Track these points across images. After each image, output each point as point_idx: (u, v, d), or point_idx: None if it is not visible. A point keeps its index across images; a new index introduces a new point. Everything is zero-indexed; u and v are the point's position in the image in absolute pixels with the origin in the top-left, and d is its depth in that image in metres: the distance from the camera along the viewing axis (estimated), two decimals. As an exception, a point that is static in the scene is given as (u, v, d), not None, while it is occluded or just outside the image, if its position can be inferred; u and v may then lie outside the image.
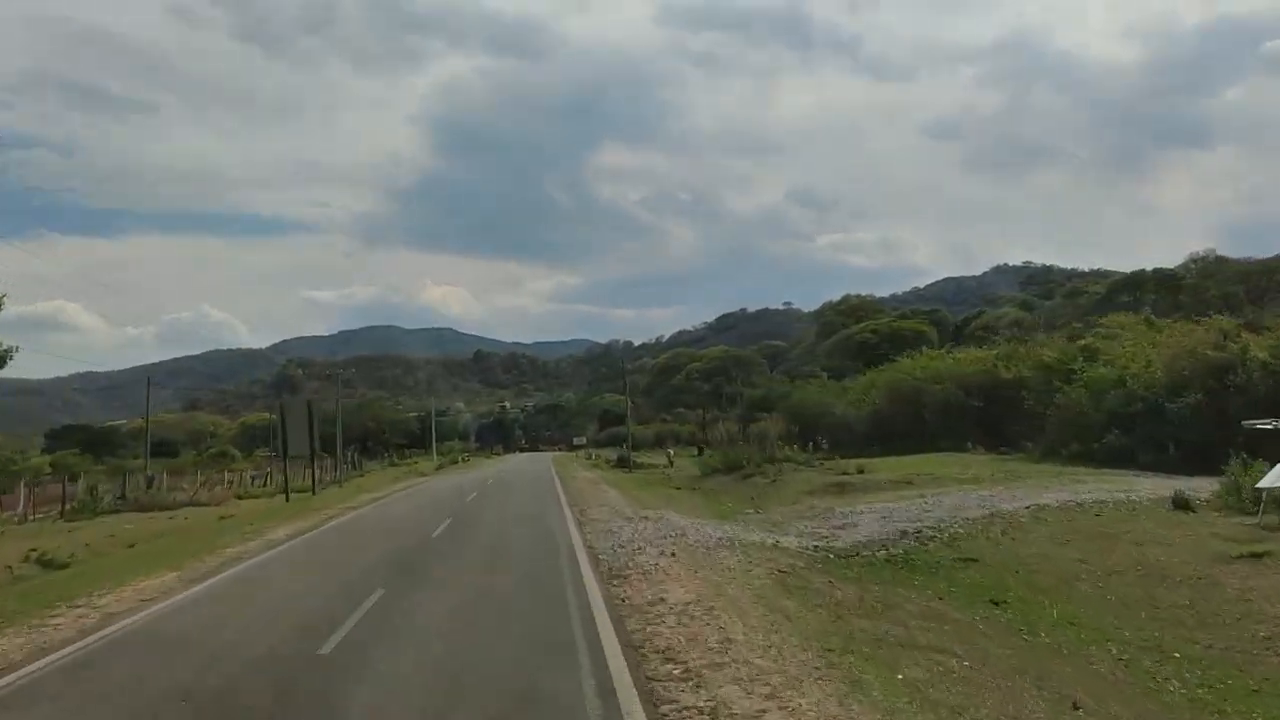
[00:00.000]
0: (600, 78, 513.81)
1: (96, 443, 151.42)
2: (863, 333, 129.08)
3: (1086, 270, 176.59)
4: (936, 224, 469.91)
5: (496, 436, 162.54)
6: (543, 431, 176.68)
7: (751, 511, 23.99)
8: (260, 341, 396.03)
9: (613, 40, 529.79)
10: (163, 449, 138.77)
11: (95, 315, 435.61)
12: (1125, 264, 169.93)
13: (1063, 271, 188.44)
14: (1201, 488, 19.97)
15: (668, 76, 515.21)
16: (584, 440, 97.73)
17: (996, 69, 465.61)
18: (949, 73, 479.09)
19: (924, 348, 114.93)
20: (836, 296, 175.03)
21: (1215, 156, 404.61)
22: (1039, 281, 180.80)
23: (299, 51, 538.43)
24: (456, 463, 78.85)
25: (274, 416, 49.78)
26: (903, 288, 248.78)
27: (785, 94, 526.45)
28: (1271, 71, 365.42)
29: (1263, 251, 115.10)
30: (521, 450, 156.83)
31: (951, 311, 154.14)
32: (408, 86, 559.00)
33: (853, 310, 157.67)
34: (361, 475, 69.08)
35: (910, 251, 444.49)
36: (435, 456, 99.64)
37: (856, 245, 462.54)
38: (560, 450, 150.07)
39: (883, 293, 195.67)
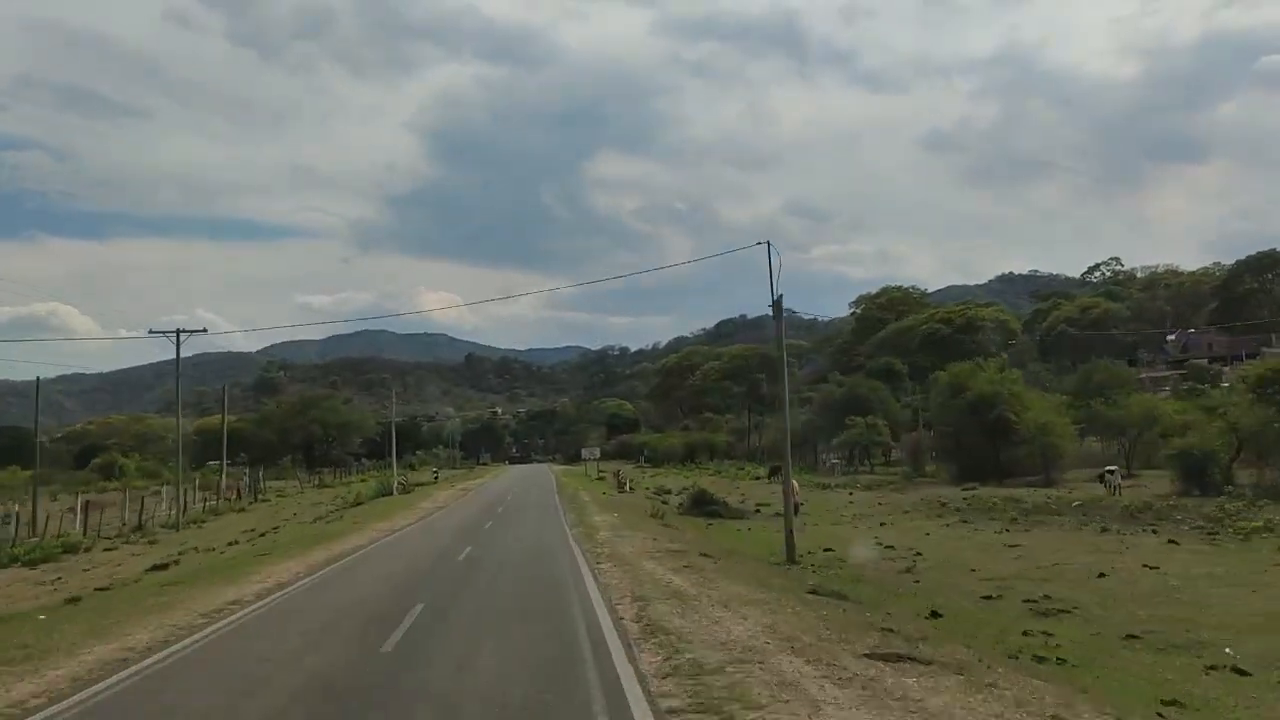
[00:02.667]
0: (597, 87, 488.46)
1: (7, 449, 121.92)
2: (928, 323, 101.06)
3: (1096, 279, 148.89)
4: (932, 236, 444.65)
5: (484, 444, 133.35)
6: (536, 439, 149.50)
7: None
8: (251, 345, 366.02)
9: (609, 50, 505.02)
10: (88, 457, 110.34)
11: (88, 318, 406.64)
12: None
13: (1072, 280, 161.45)
14: None
15: (664, 87, 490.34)
16: (596, 453, 67.20)
17: (992, 82, 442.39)
18: (945, 86, 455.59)
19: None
20: (844, 300, 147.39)
21: (1210, 170, 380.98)
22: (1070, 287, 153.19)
23: (295, 57, 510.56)
24: (391, 493, 45.09)
25: None
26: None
27: (782, 105, 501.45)
28: (1266, 87, 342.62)
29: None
30: (513, 461, 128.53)
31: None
32: (404, 94, 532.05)
33: (893, 304, 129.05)
34: (242, 510, 39.90)
35: (906, 264, 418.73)
36: (395, 472, 70.35)
37: (854, 257, 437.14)
38: (556, 461, 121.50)
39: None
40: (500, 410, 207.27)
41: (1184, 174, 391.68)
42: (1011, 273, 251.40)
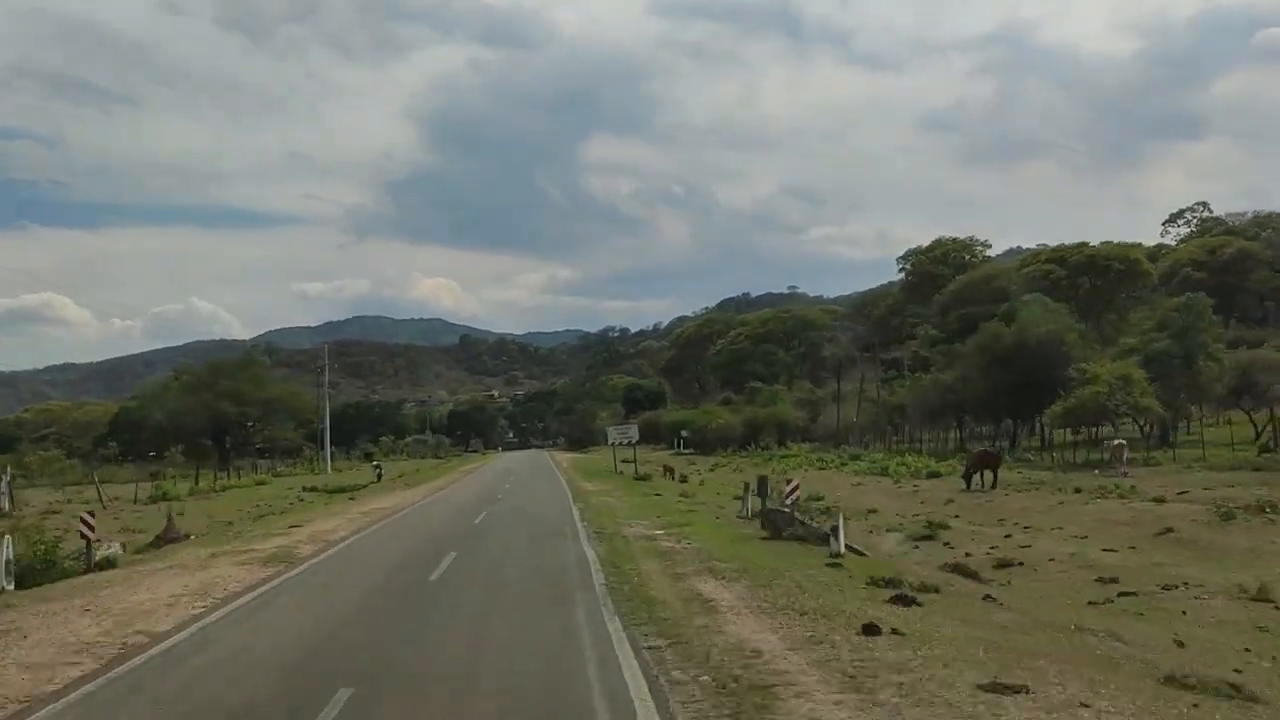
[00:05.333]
0: (592, 69, 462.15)
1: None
2: (1032, 264, 76.52)
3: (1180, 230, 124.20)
4: (930, 216, 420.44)
5: (471, 429, 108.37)
6: (535, 422, 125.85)
7: None
8: (246, 333, 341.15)
9: (604, 31, 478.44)
10: (5, 449, 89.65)
11: (83, 308, 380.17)
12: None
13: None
14: None
15: (660, 68, 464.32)
16: (633, 434, 39.92)
17: (990, 60, 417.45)
18: (942, 65, 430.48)
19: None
20: (844, 282, 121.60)
21: (1207, 147, 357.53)
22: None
23: (285, 41, 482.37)
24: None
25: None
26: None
27: (778, 86, 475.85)
28: (1264, 61, 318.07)
29: None
30: (507, 447, 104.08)
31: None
32: (397, 78, 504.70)
33: (947, 256, 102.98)
34: None
35: (905, 244, 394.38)
36: (329, 468, 45.32)
37: (850, 237, 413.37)
38: (558, 446, 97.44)
39: (883, 279, 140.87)
40: (496, 393, 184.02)
41: (1182, 151, 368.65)
42: (1020, 246, 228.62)
